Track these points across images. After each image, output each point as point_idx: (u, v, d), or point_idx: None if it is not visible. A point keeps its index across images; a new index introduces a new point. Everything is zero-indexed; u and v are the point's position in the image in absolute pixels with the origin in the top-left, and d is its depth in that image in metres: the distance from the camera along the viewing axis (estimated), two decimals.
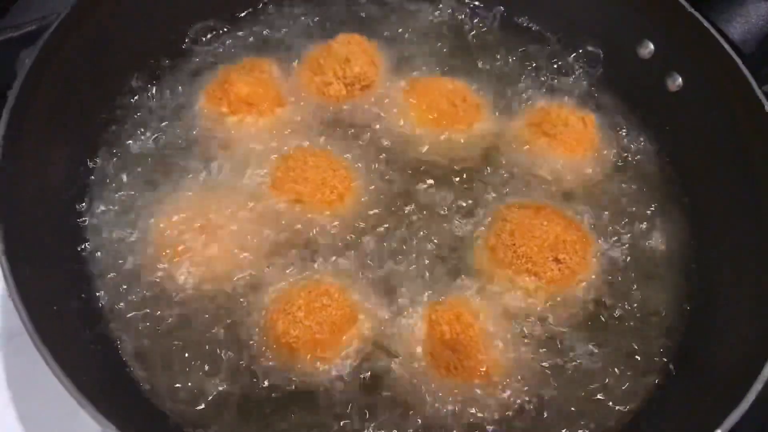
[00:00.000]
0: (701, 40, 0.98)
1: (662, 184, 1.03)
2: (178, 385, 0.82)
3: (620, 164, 1.04)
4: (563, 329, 0.88)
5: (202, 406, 0.81)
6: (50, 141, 0.89)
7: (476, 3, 1.20)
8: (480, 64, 1.13)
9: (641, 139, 1.07)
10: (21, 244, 0.77)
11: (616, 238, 0.96)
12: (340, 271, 0.89)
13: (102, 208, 0.94)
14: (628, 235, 0.97)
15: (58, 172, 0.91)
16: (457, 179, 0.99)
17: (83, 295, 0.87)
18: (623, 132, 1.07)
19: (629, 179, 1.02)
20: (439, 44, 1.15)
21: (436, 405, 0.81)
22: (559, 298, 0.89)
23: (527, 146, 1.02)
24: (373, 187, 0.97)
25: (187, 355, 0.84)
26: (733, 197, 0.93)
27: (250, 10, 1.16)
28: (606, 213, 0.98)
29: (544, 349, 0.87)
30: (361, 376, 0.83)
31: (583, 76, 1.13)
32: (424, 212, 0.96)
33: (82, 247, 0.90)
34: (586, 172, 1.01)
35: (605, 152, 1.03)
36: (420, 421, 0.81)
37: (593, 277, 0.91)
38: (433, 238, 0.94)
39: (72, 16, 0.91)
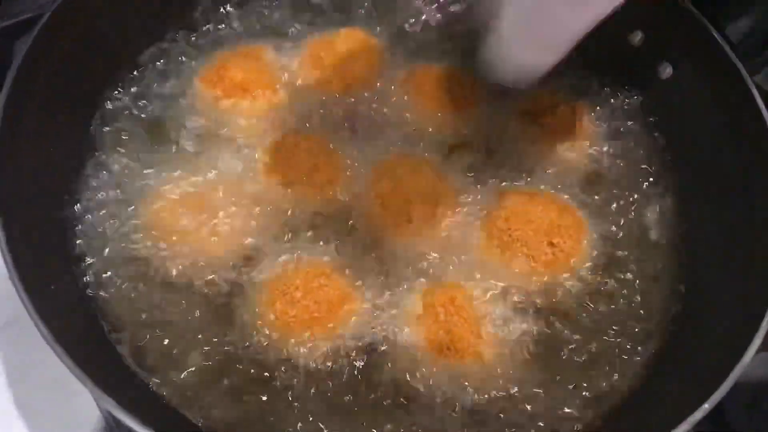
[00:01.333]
0: (691, 29, 1.00)
1: (654, 169, 1.04)
2: (172, 364, 0.83)
3: (611, 150, 1.04)
4: (557, 312, 0.89)
5: (195, 381, 0.82)
6: (45, 126, 0.89)
7: None
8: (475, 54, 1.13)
9: (632, 125, 1.08)
10: (18, 229, 0.78)
11: (609, 221, 0.98)
12: (335, 254, 0.90)
13: (96, 188, 0.94)
14: (621, 219, 0.98)
15: (54, 155, 0.91)
16: (452, 165, 1.00)
17: (77, 275, 0.87)
18: (614, 119, 1.08)
19: (620, 164, 1.03)
20: (436, 34, 1.15)
21: (431, 384, 0.83)
22: (552, 281, 0.91)
23: (519, 133, 1.03)
24: (365, 171, 0.97)
25: (181, 335, 0.85)
26: (725, 180, 0.95)
27: None
28: (598, 197, 1.00)
29: (537, 331, 0.88)
30: (356, 355, 0.84)
31: (573, 64, 1.12)
32: None
33: (78, 228, 0.91)
34: (578, 158, 1.02)
35: (596, 139, 1.05)
36: (413, 400, 0.82)
37: (587, 260, 0.93)
38: None
39: (67, 3, 0.91)
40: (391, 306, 0.87)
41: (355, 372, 0.83)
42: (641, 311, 0.92)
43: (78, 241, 0.90)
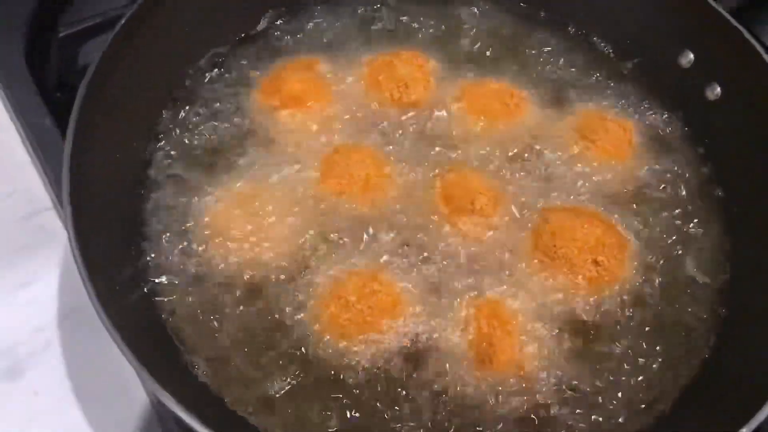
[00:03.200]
0: (740, 50, 1.01)
1: (701, 193, 1.05)
2: (228, 367, 0.86)
3: (659, 171, 1.06)
4: (598, 329, 0.91)
5: (254, 388, 0.85)
6: (115, 129, 0.94)
7: (522, 5, 1.23)
8: (527, 68, 1.16)
9: (681, 146, 1.09)
10: (87, 223, 0.81)
11: (651, 245, 0.99)
12: (385, 263, 0.93)
13: (158, 190, 0.98)
14: (666, 241, 0.99)
15: (121, 159, 0.95)
16: (502, 179, 1.02)
17: (140, 270, 0.92)
18: (663, 139, 1.09)
19: (668, 186, 1.04)
20: (489, 49, 1.18)
21: (471, 393, 0.85)
22: (595, 299, 0.92)
23: (569, 149, 1.05)
24: (417, 183, 1.00)
25: (236, 337, 0.88)
26: None
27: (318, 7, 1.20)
28: (644, 218, 1.01)
29: (578, 347, 0.90)
30: (402, 360, 0.87)
31: (624, 83, 1.15)
32: None
33: (142, 228, 0.95)
34: (625, 178, 1.04)
35: (644, 159, 1.06)
36: (454, 407, 0.85)
37: (631, 280, 0.94)
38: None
39: (143, 6, 0.96)
40: (438, 315, 0.90)
41: (400, 376, 0.86)
42: (682, 333, 0.93)
43: (142, 240, 0.94)
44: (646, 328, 0.92)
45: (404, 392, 0.85)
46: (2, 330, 0.97)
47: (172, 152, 1.02)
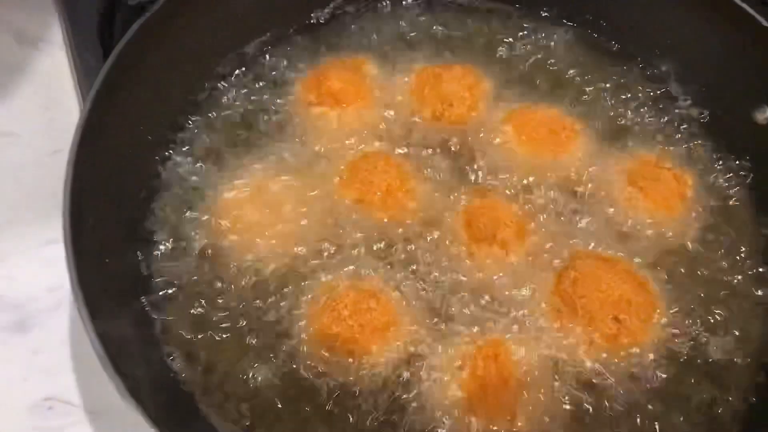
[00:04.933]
0: None
1: (753, 268, 0.94)
2: (217, 367, 0.85)
3: (711, 232, 0.96)
4: (605, 392, 0.84)
5: (239, 390, 0.84)
6: (139, 105, 0.93)
7: (595, 35, 1.16)
8: (587, 99, 1.09)
9: (742, 212, 0.99)
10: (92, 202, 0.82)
11: (687, 312, 0.90)
12: (391, 280, 0.89)
13: (174, 171, 0.98)
14: (702, 312, 0.90)
15: (144, 136, 0.96)
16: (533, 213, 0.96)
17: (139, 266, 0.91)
18: (723, 200, 1.00)
19: (717, 251, 0.95)
20: (549, 74, 1.12)
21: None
22: (608, 359, 0.85)
23: (613, 192, 0.98)
24: (440, 203, 0.96)
25: (226, 337, 0.87)
26: None
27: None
28: (682, 281, 0.92)
29: (581, 413, 0.83)
30: (389, 387, 0.83)
31: (688, 130, 1.06)
32: None
33: (150, 207, 0.95)
34: (671, 233, 0.95)
35: (696, 216, 0.97)
36: None
37: (652, 346, 0.86)
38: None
39: None
40: (434, 345, 0.85)
41: (379, 406, 0.82)
42: (700, 416, 0.84)
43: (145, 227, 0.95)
44: (658, 405, 0.84)
45: (377, 422, 0.81)
46: (20, 283, 1.00)
47: (196, 136, 1.02)
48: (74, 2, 1.22)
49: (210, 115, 1.04)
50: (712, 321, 0.90)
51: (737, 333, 0.89)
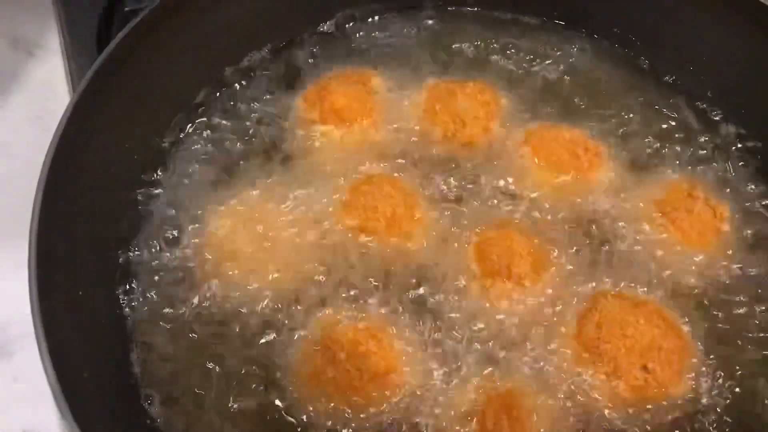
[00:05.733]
0: None
1: None
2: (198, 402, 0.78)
3: (750, 272, 0.88)
4: None
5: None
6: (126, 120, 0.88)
7: (624, 50, 1.09)
8: (613, 119, 1.01)
9: None
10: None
11: (724, 358, 0.81)
12: (394, 318, 0.82)
13: (159, 186, 0.92)
14: (740, 359, 0.81)
15: (131, 146, 0.90)
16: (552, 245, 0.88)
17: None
18: (764, 236, 0.91)
19: (754, 295, 0.86)
20: (571, 92, 1.05)
21: None
22: (633, 413, 0.76)
23: (641, 223, 0.90)
24: (450, 233, 0.88)
25: (214, 369, 0.80)
26: None
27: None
28: (717, 326, 0.83)
29: None
30: None
31: (729, 159, 0.98)
32: None
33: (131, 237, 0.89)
34: (705, 272, 0.87)
35: (733, 254, 0.88)
36: None
37: (684, 398, 0.78)
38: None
39: None
40: (440, 393, 0.77)
41: None
42: None
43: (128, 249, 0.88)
44: None
45: None
46: (1, 305, 0.93)
47: (187, 153, 0.96)
48: (72, 8, 1.19)
49: (204, 132, 0.98)
50: (751, 369, 0.81)
51: None
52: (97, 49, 1.12)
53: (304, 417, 0.76)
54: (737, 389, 0.79)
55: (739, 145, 0.99)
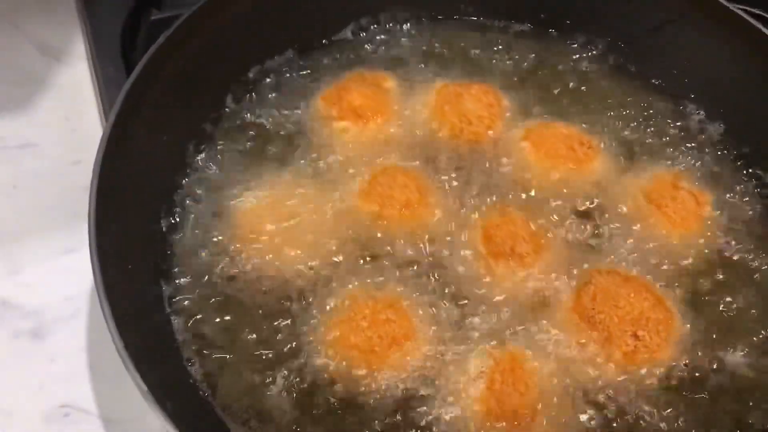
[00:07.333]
0: None
1: None
2: (232, 375, 0.85)
3: (728, 254, 0.96)
4: (624, 410, 0.83)
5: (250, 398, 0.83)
6: (161, 121, 0.95)
7: (612, 56, 1.18)
8: (607, 118, 1.10)
9: (760, 227, 0.99)
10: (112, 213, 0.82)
11: (702, 330, 0.89)
12: (407, 292, 0.89)
13: (196, 182, 0.99)
14: (716, 331, 0.90)
15: (164, 150, 0.96)
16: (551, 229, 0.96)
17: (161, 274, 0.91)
18: (745, 222, 0.99)
19: (732, 276, 0.94)
20: (569, 92, 1.14)
21: None
22: (626, 376, 0.84)
23: (631, 210, 0.98)
24: (458, 218, 0.96)
25: (243, 343, 0.87)
26: None
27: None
28: (699, 301, 0.92)
29: (598, 425, 0.82)
30: (402, 399, 0.82)
31: (710, 154, 1.06)
32: None
33: (171, 220, 0.96)
34: (688, 254, 0.95)
35: (714, 238, 0.97)
36: None
37: (671, 363, 0.86)
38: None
39: (208, 4, 0.98)
40: (452, 357, 0.85)
41: (397, 416, 0.81)
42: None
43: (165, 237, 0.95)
44: (675, 423, 0.82)
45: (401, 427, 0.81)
46: (37, 291, 1.00)
47: (216, 147, 1.03)
48: (98, 16, 1.25)
49: (232, 127, 1.06)
50: (726, 339, 0.89)
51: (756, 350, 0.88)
52: (122, 56, 1.19)
53: (328, 382, 0.83)
54: (714, 355, 0.87)
55: (720, 140, 1.07)
